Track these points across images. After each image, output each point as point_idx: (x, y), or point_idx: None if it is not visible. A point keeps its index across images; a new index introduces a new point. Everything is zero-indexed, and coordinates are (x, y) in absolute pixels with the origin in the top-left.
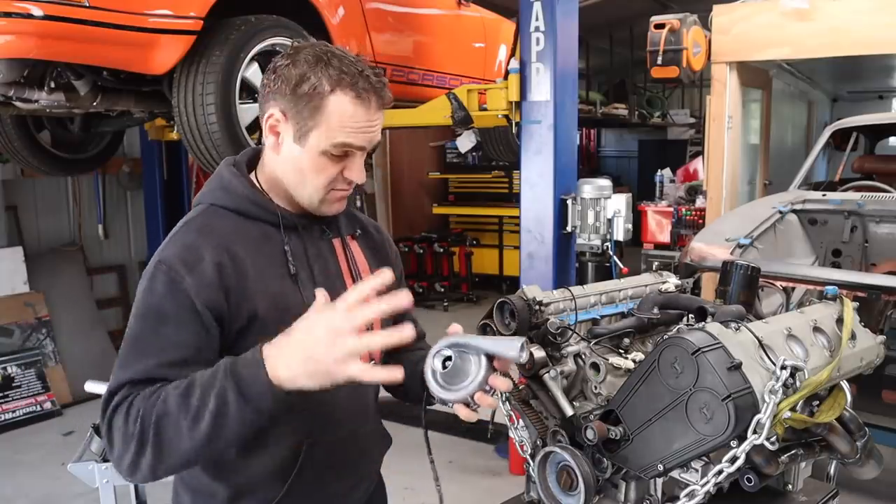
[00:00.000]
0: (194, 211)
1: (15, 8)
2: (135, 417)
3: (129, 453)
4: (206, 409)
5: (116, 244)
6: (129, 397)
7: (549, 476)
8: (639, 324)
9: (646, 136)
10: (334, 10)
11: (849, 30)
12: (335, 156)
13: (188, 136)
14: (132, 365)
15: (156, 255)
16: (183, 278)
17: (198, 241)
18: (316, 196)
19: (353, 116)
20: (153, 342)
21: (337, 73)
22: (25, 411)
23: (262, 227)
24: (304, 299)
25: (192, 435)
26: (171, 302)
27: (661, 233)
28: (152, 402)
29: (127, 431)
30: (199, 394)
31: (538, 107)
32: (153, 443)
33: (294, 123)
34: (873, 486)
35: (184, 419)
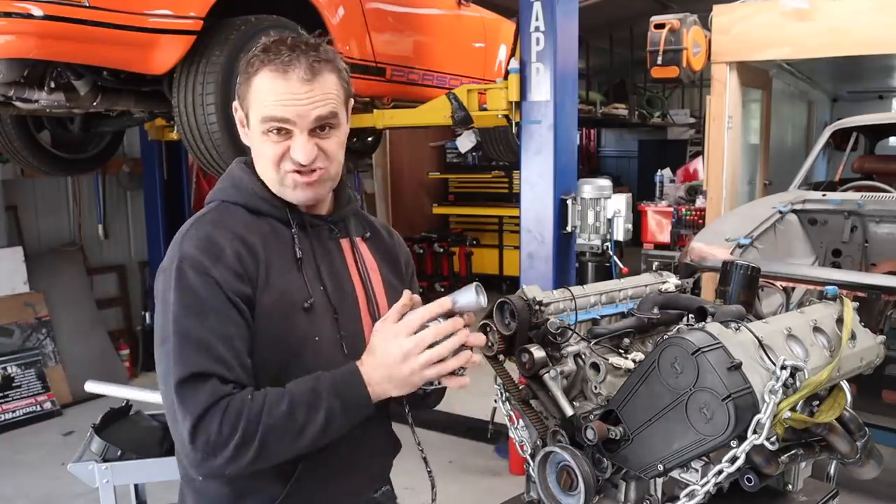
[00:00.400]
0: (206, 208)
1: (15, 8)
2: (232, 425)
3: (225, 454)
4: (312, 424)
5: (116, 244)
6: (219, 402)
7: (549, 476)
8: (639, 324)
9: (646, 136)
10: (334, 10)
11: (849, 30)
12: (274, 134)
13: (188, 136)
14: (191, 360)
15: (174, 253)
16: (210, 269)
17: (214, 233)
18: (275, 179)
19: (272, 90)
20: (204, 336)
21: (265, 55)
22: (25, 411)
23: (271, 222)
24: (311, 294)
25: (294, 445)
26: (207, 293)
27: (661, 233)
28: (255, 414)
29: (223, 436)
30: (305, 412)
31: (538, 107)
32: (256, 449)
33: (242, 109)
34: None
35: (290, 433)
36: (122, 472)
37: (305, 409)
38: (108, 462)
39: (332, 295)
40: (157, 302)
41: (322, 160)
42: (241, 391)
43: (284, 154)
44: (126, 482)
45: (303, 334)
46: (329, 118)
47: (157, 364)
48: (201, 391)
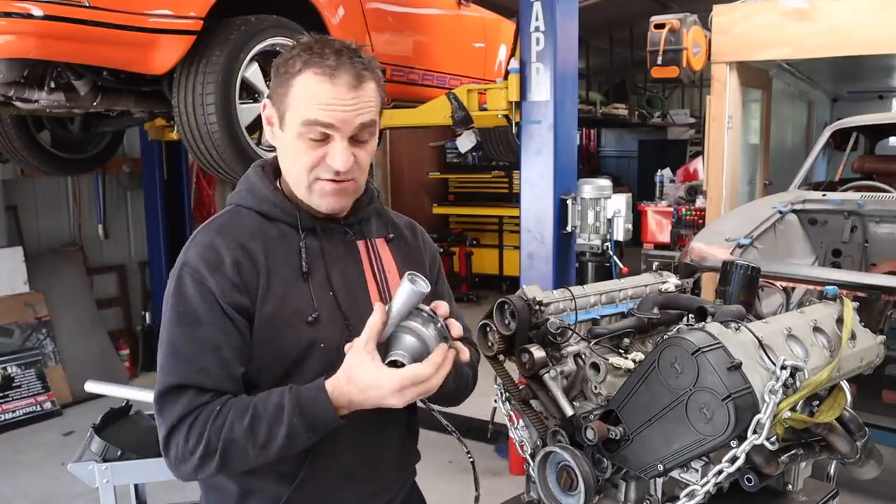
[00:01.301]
0: (221, 212)
1: (15, 8)
2: (197, 438)
3: (190, 464)
4: (274, 441)
5: (116, 244)
6: (189, 414)
7: (549, 476)
8: (639, 324)
9: (646, 136)
10: (334, 10)
11: (849, 30)
12: (312, 139)
13: (188, 136)
14: (174, 371)
15: (179, 259)
16: (206, 279)
17: (216, 241)
18: (301, 182)
19: (317, 93)
20: (191, 346)
21: (310, 54)
22: (25, 411)
23: (281, 227)
24: (315, 302)
25: (257, 458)
26: (201, 304)
27: (661, 233)
28: (216, 429)
29: (188, 448)
30: (267, 428)
31: (538, 107)
32: (218, 462)
33: (276, 108)
34: (873, 486)
35: (251, 447)
36: (122, 472)
37: (267, 425)
38: (108, 462)
39: (343, 301)
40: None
41: (354, 170)
42: (213, 402)
43: (320, 160)
44: (126, 482)
45: (307, 342)
46: (370, 126)
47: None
48: (178, 402)
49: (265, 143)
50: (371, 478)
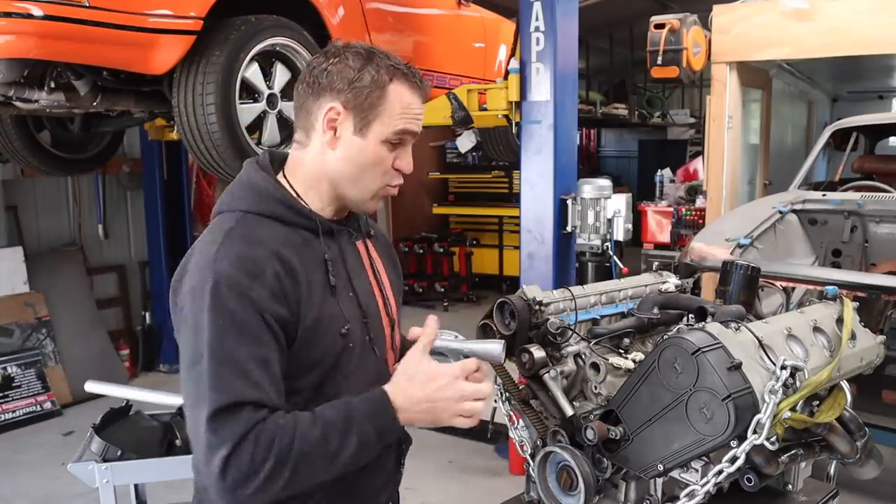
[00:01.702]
0: (227, 219)
1: (15, 8)
2: (265, 453)
3: (255, 483)
4: (344, 451)
5: (116, 244)
6: (252, 430)
7: (549, 476)
8: (639, 324)
9: (646, 136)
10: (334, 10)
11: (849, 30)
12: (392, 145)
13: (188, 136)
14: (227, 388)
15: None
16: (248, 290)
17: (251, 252)
18: (372, 188)
19: (410, 104)
20: (241, 361)
21: (391, 64)
22: (25, 411)
23: (301, 233)
24: (342, 309)
25: (325, 471)
26: (244, 317)
27: (661, 233)
28: (287, 442)
29: (255, 465)
30: (338, 438)
31: (538, 107)
32: (288, 477)
33: (355, 115)
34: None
35: (321, 459)
36: (122, 472)
37: (338, 435)
38: (108, 462)
39: (362, 300)
40: (185, 323)
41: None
42: (272, 417)
43: (392, 164)
44: (126, 482)
45: (342, 345)
46: None
47: (183, 384)
48: (236, 421)
49: (265, 144)
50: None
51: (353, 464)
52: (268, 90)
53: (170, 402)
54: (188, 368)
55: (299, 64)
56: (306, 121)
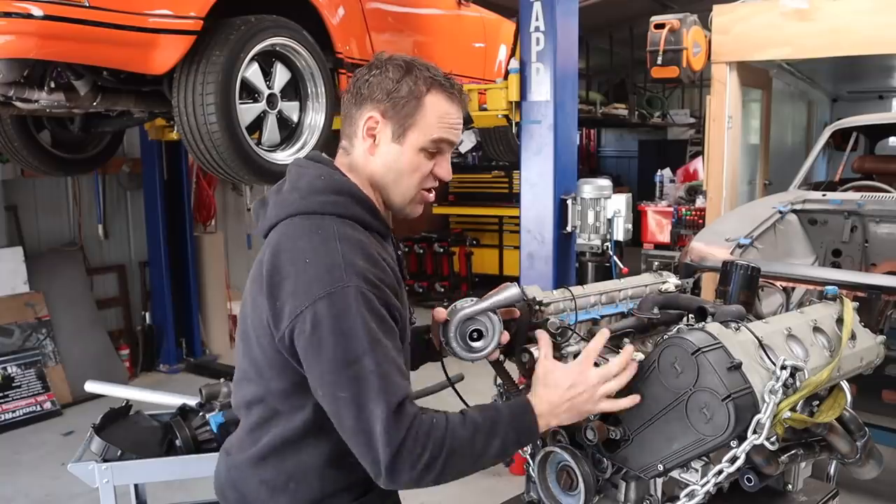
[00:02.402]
0: (327, 221)
1: (15, 8)
2: (422, 449)
3: (412, 475)
4: (488, 452)
5: (116, 244)
6: (412, 426)
7: (549, 476)
8: (639, 324)
9: (646, 136)
10: (334, 10)
11: (849, 30)
12: (430, 153)
13: (188, 136)
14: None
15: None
16: (383, 290)
17: (373, 256)
18: (409, 194)
19: (448, 113)
20: (398, 359)
21: (430, 75)
22: (25, 411)
23: (376, 237)
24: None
25: (468, 469)
26: (386, 316)
27: (661, 233)
28: (439, 438)
29: (413, 459)
30: (483, 440)
31: (538, 107)
32: (438, 472)
33: (393, 123)
34: (873, 486)
35: (467, 458)
36: (122, 472)
37: (484, 436)
38: (108, 462)
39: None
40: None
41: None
42: (426, 413)
43: (430, 172)
44: (126, 482)
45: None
46: None
47: (331, 385)
48: (404, 418)
49: (265, 144)
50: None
51: (493, 463)
52: (268, 90)
53: (170, 402)
54: (339, 371)
55: (299, 64)
56: (350, 129)
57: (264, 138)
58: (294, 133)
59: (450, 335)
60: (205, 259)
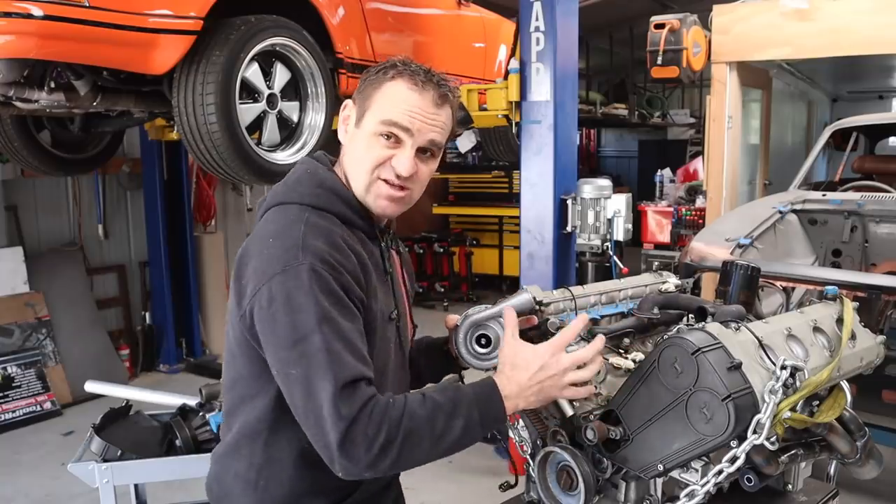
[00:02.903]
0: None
1: (15, 8)
2: (377, 428)
3: (367, 459)
4: (449, 434)
5: (116, 244)
6: (366, 405)
7: (549, 476)
8: (639, 324)
9: (646, 136)
10: (334, 10)
11: (849, 30)
12: (385, 138)
13: (188, 136)
14: (346, 364)
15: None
16: (341, 275)
17: (337, 242)
18: (363, 181)
19: (404, 99)
20: (353, 339)
21: (403, 67)
22: (25, 411)
23: (359, 234)
24: (396, 305)
25: (430, 452)
26: (343, 295)
27: (661, 233)
28: (396, 418)
29: (368, 440)
30: (444, 420)
31: (538, 107)
32: (395, 454)
33: (357, 108)
34: (873, 486)
35: (427, 439)
36: (122, 472)
37: (445, 417)
38: (108, 462)
39: (398, 303)
40: (274, 305)
41: (414, 181)
42: (382, 395)
43: (386, 161)
44: (126, 482)
45: (386, 341)
46: (437, 145)
47: (282, 363)
48: (355, 395)
49: (265, 144)
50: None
51: (456, 448)
52: (268, 90)
53: (170, 402)
54: (290, 347)
55: (299, 64)
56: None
57: (264, 138)
58: (294, 133)
59: (459, 341)
60: (205, 259)
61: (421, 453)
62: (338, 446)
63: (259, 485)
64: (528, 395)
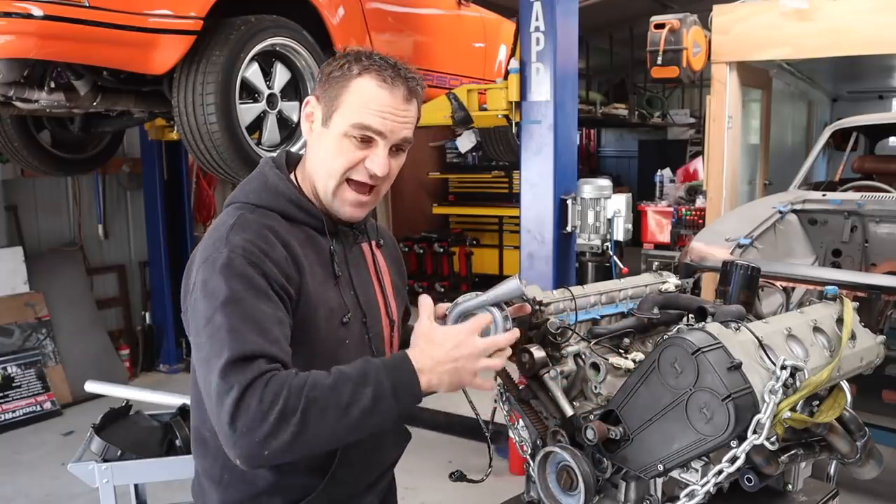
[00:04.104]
0: (239, 209)
1: (15, 8)
2: (273, 397)
3: (263, 429)
4: (357, 403)
5: (116, 244)
6: (262, 376)
7: (549, 476)
8: (639, 324)
9: (646, 136)
10: (334, 10)
11: (849, 30)
12: (357, 140)
13: (188, 136)
14: (243, 340)
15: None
16: (262, 262)
17: (262, 234)
18: (331, 184)
19: (375, 99)
20: (259, 318)
21: (368, 61)
22: (25, 411)
23: (306, 230)
24: (346, 302)
25: (337, 424)
26: (259, 281)
27: (661, 233)
28: (297, 387)
29: (262, 408)
30: (351, 389)
31: (538, 107)
32: (297, 423)
33: (323, 106)
34: (873, 486)
35: (332, 409)
36: (122, 472)
37: (352, 385)
38: (108, 462)
39: (362, 299)
40: (196, 291)
41: (385, 178)
42: (284, 370)
43: (359, 162)
44: (126, 482)
45: (336, 340)
46: (409, 141)
47: (197, 348)
48: (248, 369)
49: (265, 144)
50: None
51: (369, 421)
52: (268, 90)
53: (170, 402)
54: (202, 329)
55: (299, 64)
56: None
57: (264, 138)
58: (294, 133)
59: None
60: None
61: (327, 425)
62: (228, 417)
63: (223, 480)
64: (442, 371)
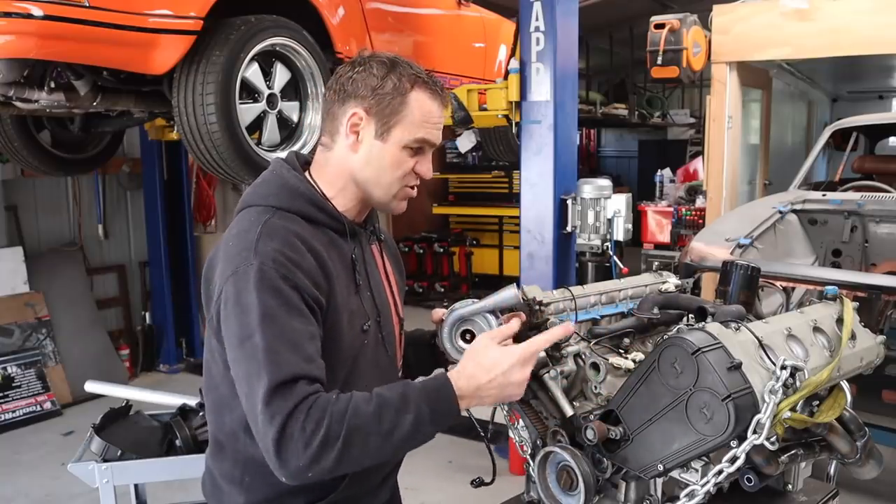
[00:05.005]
0: (260, 212)
1: (15, 8)
2: (315, 425)
3: (307, 455)
4: (398, 430)
5: (116, 244)
6: (304, 401)
7: (549, 476)
8: (639, 324)
9: (646, 136)
10: (334, 10)
11: (849, 30)
12: (412, 150)
13: (188, 136)
14: (283, 363)
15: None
16: (293, 273)
17: (291, 241)
18: (392, 190)
19: (431, 112)
20: (295, 337)
21: (413, 73)
22: (25, 411)
23: (328, 232)
24: (364, 305)
25: (378, 450)
26: (291, 295)
27: (661, 233)
28: (339, 413)
29: (305, 436)
30: (392, 416)
31: (538, 107)
32: (339, 450)
33: (377, 120)
34: (873, 486)
35: (374, 436)
36: (122, 472)
37: (393, 411)
38: (108, 462)
39: (377, 301)
40: (228, 305)
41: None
42: (325, 392)
43: (412, 169)
44: (126, 482)
45: (357, 344)
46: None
47: (234, 364)
48: (291, 393)
49: (265, 144)
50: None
51: (408, 445)
52: (268, 90)
53: (170, 402)
54: (238, 346)
55: (299, 64)
56: (332, 125)
57: (264, 138)
58: (294, 133)
59: (444, 336)
60: (205, 259)
61: (369, 450)
62: (274, 444)
63: (245, 481)
64: (484, 396)
